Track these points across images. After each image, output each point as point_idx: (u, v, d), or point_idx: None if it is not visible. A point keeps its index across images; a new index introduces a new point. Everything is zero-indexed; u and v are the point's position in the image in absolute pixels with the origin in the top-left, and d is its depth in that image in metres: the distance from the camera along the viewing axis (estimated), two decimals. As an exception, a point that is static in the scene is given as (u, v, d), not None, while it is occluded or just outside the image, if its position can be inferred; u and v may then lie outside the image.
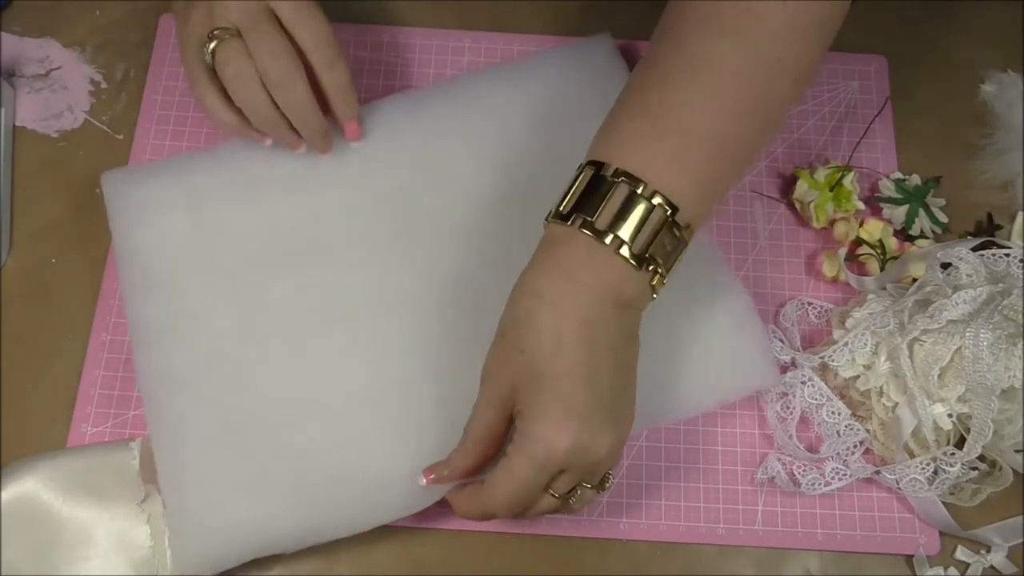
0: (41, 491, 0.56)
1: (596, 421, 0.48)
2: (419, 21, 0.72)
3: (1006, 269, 0.59)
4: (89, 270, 0.63)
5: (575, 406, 0.47)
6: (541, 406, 0.47)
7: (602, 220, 0.48)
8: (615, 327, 0.49)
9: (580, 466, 0.48)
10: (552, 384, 0.47)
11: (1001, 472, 0.58)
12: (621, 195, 0.48)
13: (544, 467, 0.48)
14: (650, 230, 0.48)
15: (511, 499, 0.49)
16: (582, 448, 0.47)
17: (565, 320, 0.48)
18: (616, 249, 0.48)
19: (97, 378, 0.61)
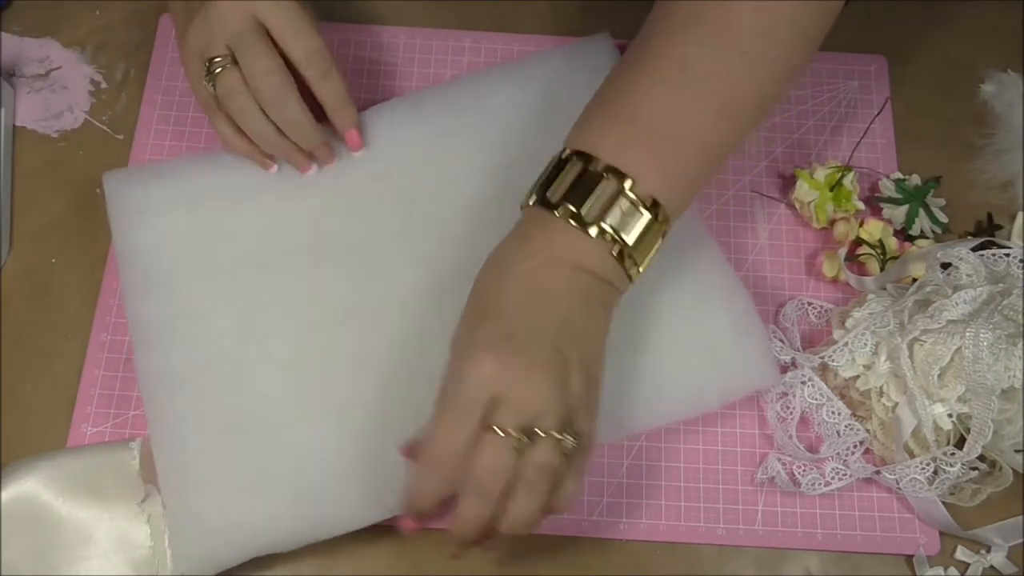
0: (41, 491, 0.56)
1: (524, 361, 0.47)
2: (419, 21, 0.72)
3: (1006, 269, 0.59)
4: (89, 270, 0.64)
5: (503, 343, 0.48)
6: (474, 343, 0.48)
7: (590, 212, 0.50)
8: (580, 301, 0.50)
9: (512, 406, 0.47)
10: (492, 322, 0.49)
11: (1001, 472, 0.58)
12: (609, 189, 0.50)
13: (469, 400, 0.47)
14: (632, 223, 0.50)
15: (448, 446, 0.47)
16: (506, 382, 0.47)
17: (526, 278, 0.49)
18: (598, 235, 0.50)
19: (97, 378, 0.61)
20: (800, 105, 0.70)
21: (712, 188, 0.67)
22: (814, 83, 0.71)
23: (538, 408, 0.47)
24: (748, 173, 0.68)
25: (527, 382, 0.47)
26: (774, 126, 0.69)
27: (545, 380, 0.47)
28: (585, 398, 0.49)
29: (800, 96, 0.70)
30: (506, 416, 0.47)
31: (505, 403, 0.47)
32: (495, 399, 0.47)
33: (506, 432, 0.47)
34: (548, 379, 0.48)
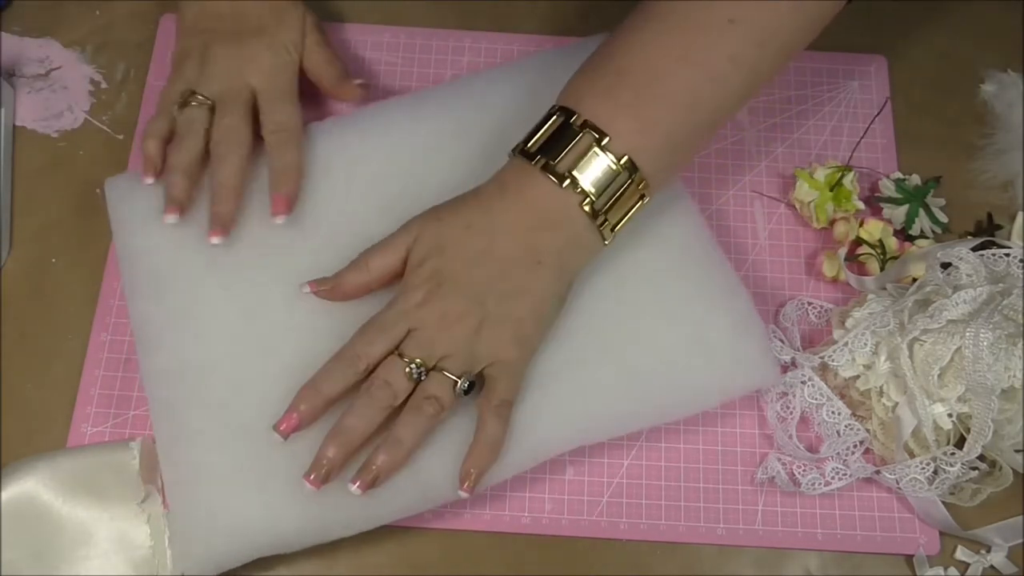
0: (41, 491, 0.56)
1: (445, 307, 0.52)
2: (419, 21, 0.72)
3: (1006, 269, 0.59)
4: (89, 270, 0.64)
5: (434, 285, 0.53)
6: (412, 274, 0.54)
7: (563, 164, 0.52)
8: (527, 259, 0.53)
9: (421, 342, 0.52)
10: (436, 259, 0.53)
11: (1001, 472, 0.58)
12: (584, 143, 0.52)
13: (388, 323, 0.53)
14: (605, 178, 0.52)
15: (359, 350, 0.52)
16: (424, 320, 0.52)
17: (483, 224, 0.53)
18: (568, 187, 0.52)
19: (97, 378, 0.61)
20: (800, 105, 0.70)
21: (712, 188, 0.67)
22: (814, 83, 0.71)
23: (441, 352, 0.52)
24: (748, 173, 0.68)
25: (438, 326, 0.52)
26: (774, 126, 0.69)
27: (454, 328, 0.52)
28: (500, 354, 0.53)
29: (800, 96, 0.70)
30: (413, 348, 0.52)
31: (417, 337, 0.52)
32: (410, 331, 0.53)
33: (409, 360, 0.52)
34: (458, 329, 0.52)
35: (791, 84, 0.71)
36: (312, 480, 0.52)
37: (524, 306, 0.54)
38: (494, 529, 0.58)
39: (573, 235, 0.54)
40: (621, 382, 0.57)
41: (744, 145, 0.69)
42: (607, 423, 0.57)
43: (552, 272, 0.54)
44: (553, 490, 0.59)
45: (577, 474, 0.60)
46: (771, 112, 0.70)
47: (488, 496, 0.59)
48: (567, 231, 0.53)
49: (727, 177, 0.68)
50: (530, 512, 0.59)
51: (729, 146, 0.69)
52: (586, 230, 0.54)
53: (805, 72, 0.71)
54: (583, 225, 0.53)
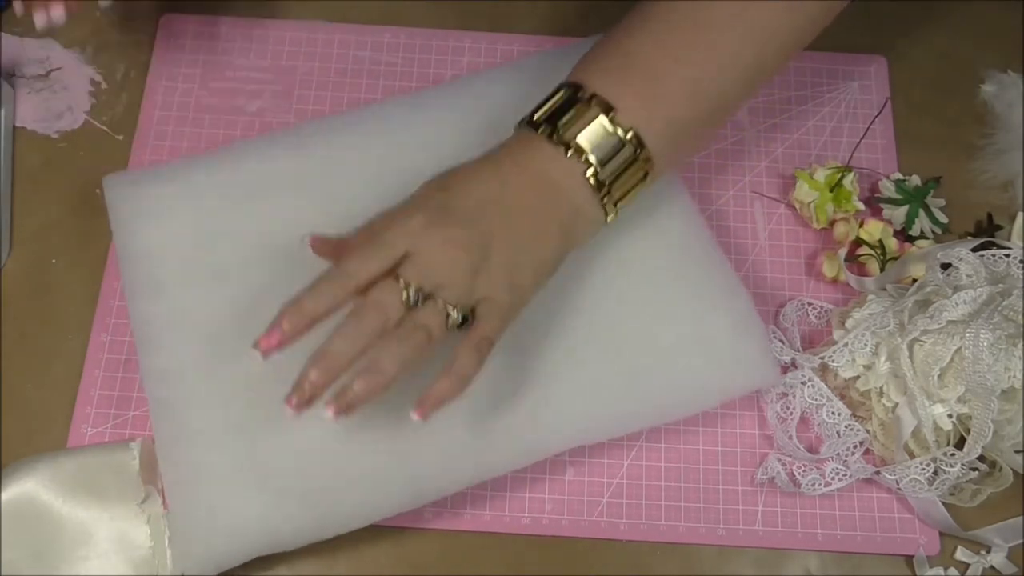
0: (41, 491, 0.56)
1: (447, 234, 0.50)
2: (419, 21, 0.72)
3: (1006, 269, 0.59)
4: (89, 270, 0.64)
5: (439, 212, 0.51)
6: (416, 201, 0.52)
7: (568, 132, 0.52)
8: (533, 216, 0.52)
9: (418, 266, 0.50)
10: (443, 194, 0.52)
11: (1001, 472, 0.58)
12: (591, 114, 0.52)
13: (387, 242, 0.50)
14: (611, 149, 0.52)
15: (353, 268, 0.50)
16: (423, 243, 0.50)
17: (494, 180, 0.52)
18: (572, 155, 0.52)
19: (97, 378, 0.61)
20: (800, 105, 0.70)
21: (712, 188, 0.67)
22: (814, 83, 0.71)
23: (439, 279, 0.50)
24: (748, 173, 0.68)
25: (440, 251, 0.50)
26: (774, 127, 0.69)
27: (457, 257, 0.50)
28: (494, 295, 0.51)
29: (800, 96, 0.70)
30: (409, 272, 0.50)
31: (414, 261, 0.50)
32: (408, 254, 0.50)
33: (404, 284, 0.49)
34: (460, 258, 0.50)
35: (791, 84, 0.71)
36: (293, 404, 0.48)
37: (525, 258, 0.52)
38: (494, 529, 0.58)
39: (577, 206, 0.53)
40: (621, 382, 0.57)
41: (744, 145, 0.69)
42: (607, 423, 0.57)
43: (557, 238, 0.53)
44: (553, 490, 0.59)
45: (577, 474, 0.60)
46: (771, 112, 0.70)
47: (488, 496, 0.59)
48: (571, 202, 0.53)
49: (727, 177, 0.68)
50: (530, 512, 0.59)
51: (729, 146, 0.69)
52: (589, 202, 0.53)
53: (805, 72, 0.71)
54: (586, 196, 0.53)
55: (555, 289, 0.59)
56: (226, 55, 0.70)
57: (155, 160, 0.67)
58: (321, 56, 0.71)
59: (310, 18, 0.72)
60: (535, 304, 0.58)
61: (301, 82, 0.70)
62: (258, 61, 0.70)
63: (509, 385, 0.56)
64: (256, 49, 0.71)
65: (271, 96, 0.69)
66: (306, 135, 0.63)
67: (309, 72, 0.70)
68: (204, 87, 0.69)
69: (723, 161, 0.68)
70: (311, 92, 0.69)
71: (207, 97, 0.69)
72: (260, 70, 0.70)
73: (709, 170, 0.68)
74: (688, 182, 0.64)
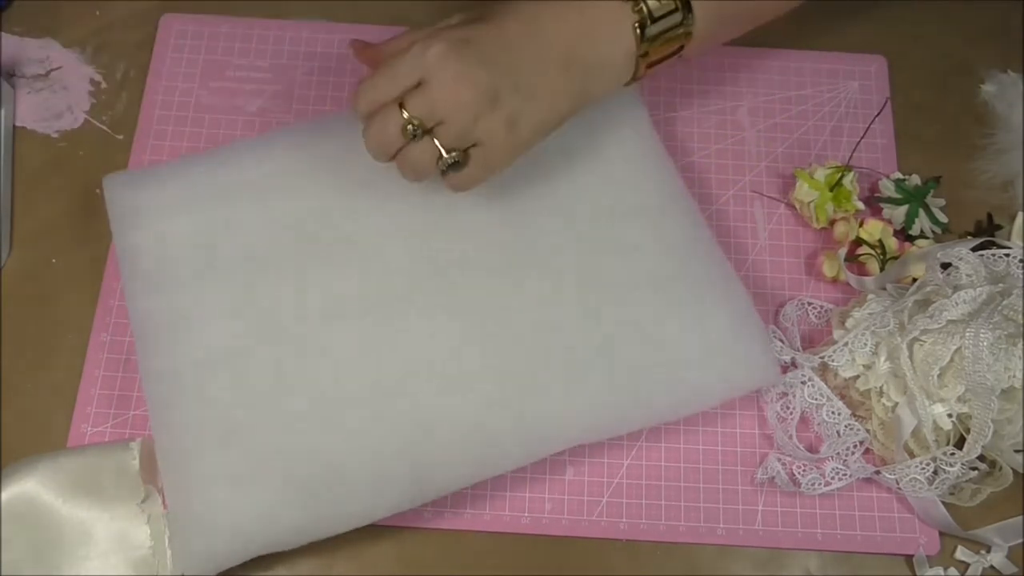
0: (41, 491, 0.56)
1: (462, 70, 0.51)
2: (419, 21, 0.72)
3: (1006, 269, 0.59)
4: (89, 270, 0.64)
5: (463, 46, 0.51)
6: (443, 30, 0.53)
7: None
8: (555, 71, 0.53)
9: (427, 96, 0.51)
10: (471, 28, 0.52)
11: (1001, 472, 0.58)
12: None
13: (403, 69, 0.51)
14: (664, 8, 0.54)
15: (366, 94, 0.53)
16: (437, 74, 0.51)
17: (530, 22, 0.53)
18: (633, 6, 0.54)
19: (97, 378, 0.61)
20: (800, 105, 0.70)
21: (712, 188, 0.67)
22: (814, 83, 0.71)
23: (441, 115, 0.51)
24: (748, 173, 0.68)
25: (450, 88, 0.51)
26: (774, 126, 0.69)
27: (465, 97, 0.51)
28: (490, 142, 0.53)
29: (800, 96, 0.70)
30: (415, 103, 0.51)
31: (423, 92, 0.51)
32: (421, 82, 0.51)
33: (408, 115, 0.52)
34: (467, 98, 0.51)
35: (791, 84, 0.71)
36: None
37: (532, 109, 0.53)
38: (494, 529, 0.58)
39: (609, 55, 0.54)
40: (621, 381, 0.57)
41: (744, 145, 0.69)
42: (607, 422, 0.57)
43: (574, 88, 0.54)
44: (553, 490, 0.59)
45: (577, 474, 0.60)
46: (771, 112, 0.70)
47: (488, 496, 0.59)
48: (607, 47, 0.54)
49: (727, 177, 0.68)
50: (530, 512, 0.59)
51: (729, 146, 0.69)
52: (623, 54, 0.55)
53: (805, 72, 0.71)
54: (625, 47, 0.54)
55: (556, 288, 0.59)
56: (226, 55, 0.70)
57: (155, 160, 0.67)
58: (321, 56, 0.71)
59: (310, 18, 0.72)
60: (535, 304, 0.58)
61: (301, 82, 0.70)
62: (258, 61, 0.70)
63: (509, 384, 0.56)
64: (256, 49, 0.71)
65: (271, 96, 0.69)
66: (306, 134, 0.63)
67: (309, 72, 0.70)
68: (204, 87, 0.69)
69: (723, 161, 0.68)
70: (311, 92, 0.69)
71: (207, 97, 0.69)
72: (260, 70, 0.70)
73: (709, 170, 0.68)
74: (688, 181, 0.64)
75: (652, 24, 0.54)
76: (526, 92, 0.53)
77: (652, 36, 0.54)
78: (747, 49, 0.71)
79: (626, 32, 0.54)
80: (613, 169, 0.62)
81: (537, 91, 0.53)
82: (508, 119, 0.53)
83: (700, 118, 0.69)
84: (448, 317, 0.58)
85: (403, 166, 0.54)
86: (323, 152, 0.63)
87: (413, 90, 0.52)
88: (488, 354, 0.57)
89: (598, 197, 0.61)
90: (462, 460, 0.55)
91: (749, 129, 0.69)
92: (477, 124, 0.52)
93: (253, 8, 0.72)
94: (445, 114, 0.52)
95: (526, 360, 0.57)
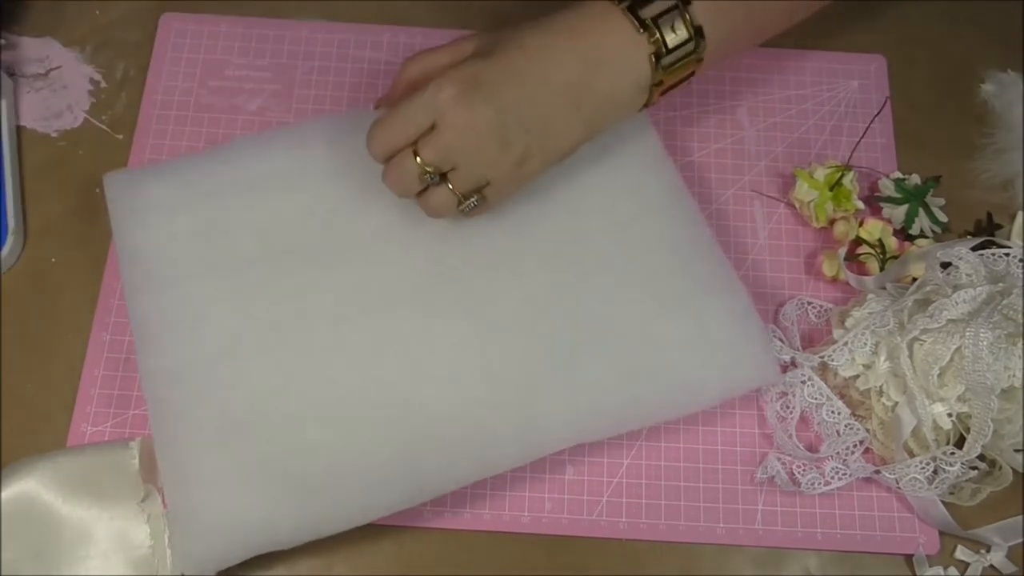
0: (41, 491, 0.56)
1: (474, 116, 0.52)
2: (419, 21, 0.72)
3: (1006, 269, 0.59)
4: (89, 270, 0.64)
5: (474, 87, 0.52)
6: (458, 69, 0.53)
7: (649, 12, 0.54)
8: (567, 105, 0.54)
9: (440, 143, 0.52)
10: (484, 64, 0.53)
11: (1001, 472, 0.58)
12: (669, 2, 0.55)
13: (413, 114, 0.53)
14: (680, 39, 0.55)
15: (379, 136, 0.54)
16: (450, 119, 0.52)
17: (542, 54, 0.53)
18: (645, 34, 0.54)
19: (97, 378, 0.61)
20: (800, 105, 0.70)
21: (712, 188, 0.67)
22: (814, 83, 0.71)
23: (455, 161, 0.53)
24: (748, 172, 0.68)
25: (462, 134, 0.52)
26: (774, 126, 0.69)
27: (477, 143, 0.53)
28: (501, 179, 0.55)
29: (800, 96, 0.70)
30: (430, 150, 0.53)
31: (435, 139, 0.53)
32: (433, 127, 0.53)
33: (422, 163, 0.53)
34: (479, 145, 0.53)
35: (791, 84, 0.71)
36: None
37: (542, 146, 0.55)
38: (494, 529, 0.58)
39: (622, 87, 0.55)
40: (621, 381, 0.57)
41: (744, 145, 0.69)
42: (607, 422, 0.57)
43: (583, 122, 0.55)
44: (553, 490, 0.59)
45: (577, 474, 0.60)
46: (771, 112, 0.70)
47: (488, 495, 0.59)
48: (620, 79, 0.55)
49: (727, 177, 0.68)
50: (530, 512, 0.59)
51: (729, 146, 0.69)
52: (637, 85, 0.55)
53: (805, 72, 0.71)
54: (639, 78, 0.55)
55: (555, 287, 0.59)
56: (226, 54, 0.70)
57: (155, 159, 0.67)
58: (321, 56, 0.71)
59: (310, 18, 0.72)
60: (535, 304, 0.58)
61: (301, 82, 0.70)
62: (258, 61, 0.70)
63: (509, 383, 0.56)
64: (256, 49, 0.71)
65: (271, 95, 0.69)
66: (306, 134, 0.63)
67: (309, 72, 0.70)
68: (204, 87, 0.69)
69: (723, 160, 0.68)
70: (311, 92, 0.70)
71: (207, 96, 0.69)
72: (260, 70, 0.70)
73: (709, 169, 0.68)
74: (688, 181, 0.64)
75: (667, 55, 0.55)
76: (537, 131, 0.54)
77: (667, 65, 0.55)
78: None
79: (641, 63, 0.55)
80: (612, 169, 0.62)
81: (548, 129, 0.55)
82: (518, 158, 0.54)
83: (700, 118, 0.69)
84: (448, 317, 0.58)
85: (425, 208, 0.56)
86: (324, 152, 0.63)
87: (426, 135, 0.53)
88: (488, 354, 0.57)
89: (598, 197, 0.61)
90: (462, 460, 0.55)
91: (749, 129, 0.69)
92: (488, 167, 0.54)
93: (253, 8, 0.72)
94: (457, 160, 0.53)
95: (526, 360, 0.57)
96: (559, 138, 0.55)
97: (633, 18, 0.54)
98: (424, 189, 0.55)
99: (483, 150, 0.53)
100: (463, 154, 0.53)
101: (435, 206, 0.56)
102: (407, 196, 0.56)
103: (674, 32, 0.54)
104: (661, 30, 0.54)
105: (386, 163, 0.55)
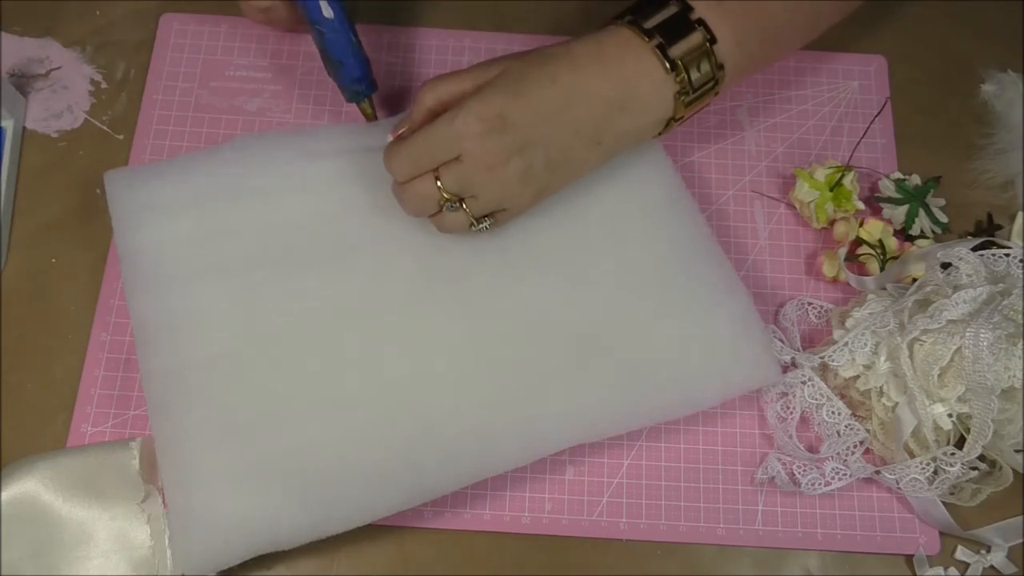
0: (41, 491, 0.56)
1: (497, 150, 0.53)
2: (419, 21, 0.72)
3: (1006, 269, 0.59)
4: (89, 270, 0.64)
5: (498, 122, 0.53)
6: (484, 101, 0.53)
7: (676, 51, 0.55)
8: (587, 138, 0.55)
9: (462, 174, 0.54)
10: (509, 97, 0.53)
11: (1001, 472, 0.58)
12: (697, 39, 0.55)
13: (438, 143, 0.53)
14: (705, 78, 0.56)
15: (402, 155, 0.55)
16: (473, 152, 0.53)
17: (565, 89, 0.54)
18: (671, 71, 0.55)
19: (97, 378, 0.61)
20: (800, 105, 0.70)
21: (712, 188, 0.67)
22: (814, 83, 0.71)
23: (475, 191, 0.55)
24: (748, 173, 0.68)
25: (484, 168, 0.53)
26: (774, 126, 0.69)
27: (498, 177, 0.54)
28: (518, 206, 0.56)
29: (800, 96, 0.70)
30: (452, 180, 0.54)
31: (461, 169, 0.54)
32: (459, 157, 0.53)
33: (443, 189, 0.54)
34: (501, 178, 0.54)
35: (791, 84, 0.71)
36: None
37: (559, 179, 0.57)
38: (494, 529, 0.58)
39: (645, 124, 0.56)
40: (621, 381, 0.57)
41: (744, 145, 0.69)
42: (607, 422, 0.57)
43: (602, 155, 0.57)
44: (553, 490, 0.59)
45: (577, 474, 0.60)
46: (771, 112, 0.70)
47: (488, 496, 0.59)
48: (644, 118, 0.56)
49: (727, 177, 0.68)
50: (530, 512, 0.59)
51: (729, 146, 0.69)
52: (657, 123, 0.57)
53: (805, 72, 0.71)
54: (659, 114, 0.56)
55: (555, 288, 0.59)
56: (226, 55, 0.70)
57: (155, 159, 0.67)
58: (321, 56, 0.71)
59: (310, 18, 0.72)
60: (535, 304, 0.59)
61: (301, 82, 0.70)
62: (258, 61, 0.70)
63: (509, 383, 0.56)
64: (256, 49, 0.71)
65: (271, 96, 0.69)
66: (312, 138, 0.63)
67: (309, 72, 0.70)
68: (204, 87, 0.69)
69: (723, 161, 0.68)
70: (311, 92, 0.70)
71: (207, 97, 0.69)
72: (260, 70, 0.70)
73: (709, 169, 0.68)
74: (688, 181, 0.64)
75: (692, 93, 0.56)
76: (556, 166, 0.55)
77: (689, 103, 0.56)
78: (747, 49, 0.71)
79: (667, 102, 0.56)
80: (612, 169, 0.62)
81: (567, 165, 0.56)
82: (537, 191, 0.56)
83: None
84: (448, 318, 0.58)
85: (438, 226, 0.57)
86: (330, 157, 0.63)
87: (450, 163, 0.54)
88: (488, 354, 0.57)
89: (598, 198, 0.61)
90: (462, 460, 0.55)
91: (749, 129, 0.69)
92: (507, 199, 0.56)
93: (253, 8, 0.72)
94: (478, 191, 0.55)
95: (526, 360, 0.57)
96: (577, 170, 0.57)
97: (663, 57, 0.55)
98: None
99: (505, 185, 0.54)
100: (484, 187, 0.54)
101: (448, 226, 0.57)
102: (422, 216, 0.57)
103: (699, 71, 0.55)
104: (688, 70, 0.55)
105: (403, 182, 0.56)
